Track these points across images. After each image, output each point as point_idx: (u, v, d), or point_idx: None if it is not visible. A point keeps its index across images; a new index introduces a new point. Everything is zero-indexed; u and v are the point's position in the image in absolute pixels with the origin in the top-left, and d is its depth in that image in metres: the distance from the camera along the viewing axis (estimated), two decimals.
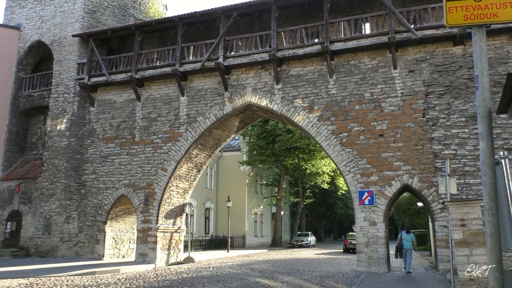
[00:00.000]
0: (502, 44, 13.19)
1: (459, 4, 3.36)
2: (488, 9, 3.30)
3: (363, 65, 14.60)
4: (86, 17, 18.96)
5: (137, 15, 20.45)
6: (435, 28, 13.49)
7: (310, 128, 14.87)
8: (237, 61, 15.93)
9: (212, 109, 16.38)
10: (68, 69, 18.60)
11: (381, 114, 14.05)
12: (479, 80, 3.24)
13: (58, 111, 18.38)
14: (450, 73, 13.56)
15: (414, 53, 14.08)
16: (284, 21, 16.74)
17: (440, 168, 12.84)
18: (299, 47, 15.12)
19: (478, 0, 3.32)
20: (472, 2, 3.33)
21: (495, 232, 3.07)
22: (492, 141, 3.25)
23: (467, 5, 3.34)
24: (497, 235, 3.07)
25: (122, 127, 17.64)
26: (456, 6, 3.37)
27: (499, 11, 3.28)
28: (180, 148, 16.55)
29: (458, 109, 13.22)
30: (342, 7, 16.26)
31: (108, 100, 18.16)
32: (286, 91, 15.41)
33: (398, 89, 14.01)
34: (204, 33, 18.25)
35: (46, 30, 19.59)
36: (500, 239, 3.08)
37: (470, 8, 3.33)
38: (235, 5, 16.14)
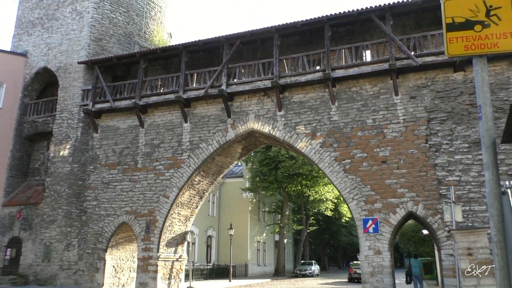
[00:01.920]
0: (503, 70, 13.28)
1: (460, 35, 3.38)
2: (489, 39, 3.30)
3: (365, 92, 14.68)
4: (92, 44, 19.28)
5: (142, 43, 20.80)
6: (435, 55, 13.62)
7: (313, 154, 14.84)
8: (240, 88, 16.07)
9: (215, 136, 16.41)
10: (73, 95, 18.80)
11: (383, 141, 14.02)
12: (482, 109, 3.21)
13: (61, 137, 18.46)
14: (452, 99, 13.60)
15: (415, 79, 14.18)
16: (286, 49, 16.97)
17: (445, 195, 12.70)
18: (301, 74, 15.26)
19: (479, 31, 3.34)
20: (473, 32, 3.34)
21: (504, 265, 2.97)
22: (498, 171, 3.19)
23: (467, 35, 3.35)
24: (507, 269, 2.98)
25: (125, 153, 17.66)
26: (457, 37, 3.38)
27: (499, 41, 3.28)
28: (183, 174, 16.50)
29: (461, 135, 13.19)
30: (342, 35, 16.51)
31: (112, 126, 18.26)
32: (288, 118, 15.46)
33: (400, 115, 14.03)
34: (208, 60, 18.49)
35: (52, 57, 19.91)
36: (510, 272, 2.99)
37: (470, 39, 3.34)
38: (238, 34, 16.41)
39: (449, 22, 3.45)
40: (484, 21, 3.36)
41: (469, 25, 3.39)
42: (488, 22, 3.34)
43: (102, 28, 19.65)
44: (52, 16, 20.48)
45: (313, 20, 15.32)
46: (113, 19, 20.02)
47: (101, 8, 19.76)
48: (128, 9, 20.58)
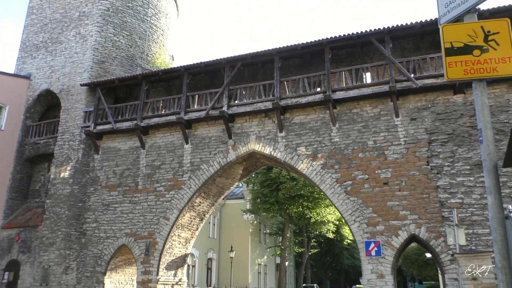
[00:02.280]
0: (502, 92, 13.35)
1: (459, 59, 3.41)
2: (488, 63, 3.33)
3: (365, 113, 14.73)
4: (95, 67, 19.50)
5: (144, 65, 21.03)
6: (434, 77, 13.72)
7: (314, 176, 14.79)
8: (241, 109, 16.15)
9: (215, 157, 16.40)
10: (75, 117, 18.89)
11: (385, 162, 13.99)
12: (483, 133, 3.22)
13: (62, 159, 18.46)
14: (452, 121, 13.63)
15: (415, 101, 14.25)
16: (286, 71, 17.13)
17: (447, 217, 12.59)
18: (301, 96, 15.36)
19: (477, 55, 3.37)
20: (471, 57, 3.37)
21: None
22: (500, 196, 3.17)
23: (466, 60, 3.39)
24: None
25: (125, 174, 17.62)
26: (456, 61, 3.42)
27: (498, 66, 3.32)
28: (183, 196, 16.42)
29: (462, 157, 13.16)
30: (342, 57, 16.69)
31: (113, 147, 18.28)
32: (289, 139, 15.48)
33: (401, 137, 14.04)
34: (209, 82, 18.66)
35: (55, 79, 20.11)
36: None
37: (469, 63, 3.37)
38: (239, 56, 16.60)
39: (447, 47, 3.49)
40: (482, 46, 3.40)
41: (467, 49, 3.42)
42: (487, 47, 3.37)
43: (105, 51, 19.90)
44: (56, 40, 20.78)
45: (313, 43, 15.51)
46: (116, 42, 20.30)
47: (104, 32, 20.07)
48: (131, 33, 20.89)
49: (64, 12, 21.13)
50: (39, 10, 21.95)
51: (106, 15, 20.32)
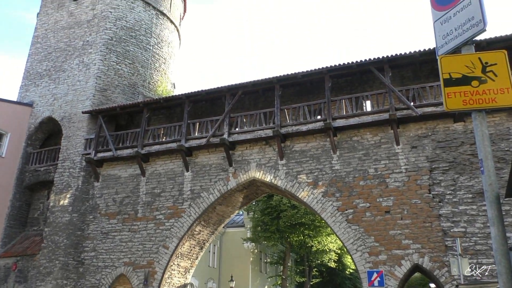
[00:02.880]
0: (502, 120, 13.39)
1: (457, 90, 3.43)
2: (486, 94, 3.36)
3: (366, 141, 14.75)
4: (97, 94, 19.68)
5: (146, 93, 21.23)
6: (434, 106, 13.80)
7: (315, 204, 14.67)
8: (242, 137, 16.18)
9: (216, 185, 16.32)
10: (76, 144, 18.93)
11: (386, 190, 13.90)
12: (483, 164, 3.20)
13: (62, 186, 18.38)
14: (453, 149, 13.62)
15: (415, 129, 14.28)
16: (287, 99, 17.26)
17: (451, 246, 12.39)
18: (302, 124, 15.42)
19: (476, 86, 3.40)
20: (470, 88, 3.40)
21: None
22: (504, 227, 3.13)
23: (465, 90, 3.41)
24: None
25: (125, 202, 17.50)
26: (455, 92, 3.44)
27: (497, 97, 3.34)
28: (183, 224, 16.25)
29: (464, 185, 13.08)
30: (342, 85, 16.85)
31: (113, 175, 18.23)
32: (290, 167, 15.44)
33: (402, 165, 14.00)
34: (210, 109, 18.78)
35: (57, 107, 20.26)
36: None
37: (468, 94, 3.40)
38: (240, 84, 16.77)
39: (446, 78, 3.52)
40: (480, 77, 3.43)
41: (466, 80, 3.45)
42: (485, 78, 3.40)
43: (107, 79, 20.15)
44: (59, 68, 21.07)
45: (313, 71, 15.70)
46: (119, 70, 20.58)
47: (107, 60, 20.37)
48: (134, 61, 21.21)
49: (68, 41, 21.52)
50: (44, 39, 22.36)
51: (109, 44, 20.68)
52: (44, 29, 22.65)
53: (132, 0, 21.99)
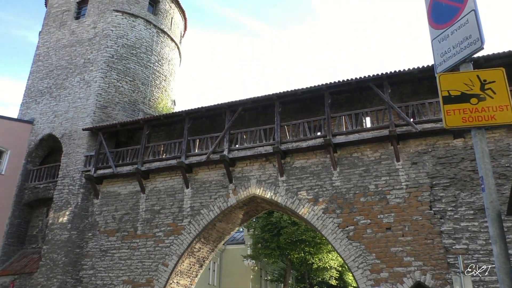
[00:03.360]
0: (502, 136, 13.40)
1: (456, 107, 3.45)
2: (485, 111, 3.37)
3: (366, 158, 14.74)
4: (98, 112, 19.75)
5: (146, 110, 21.32)
6: (434, 122, 13.83)
7: (316, 221, 14.58)
8: (242, 153, 16.18)
9: (216, 201, 16.25)
10: (76, 161, 18.91)
11: (387, 207, 13.83)
12: (484, 181, 3.19)
13: (61, 203, 18.29)
14: (453, 165, 13.60)
15: (415, 145, 14.29)
16: (287, 115, 17.31)
17: (453, 264, 12.27)
18: (302, 140, 15.42)
19: (475, 103, 3.41)
20: (469, 105, 3.41)
21: None
22: (506, 245, 3.10)
23: (464, 108, 3.42)
24: None
25: (124, 219, 17.39)
26: (454, 109, 3.45)
27: (496, 114, 3.35)
28: (183, 241, 16.12)
29: (465, 202, 13.01)
30: (342, 102, 16.92)
31: (113, 192, 18.16)
32: (290, 183, 15.40)
33: (403, 181, 13.96)
34: (210, 126, 18.82)
35: (58, 124, 20.31)
36: None
37: (467, 111, 3.41)
38: (240, 101, 16.84)
39: (445, 95, 3.54)
40: (479, 94, 3.44)
41: (465, 98, 3.47)
42: (484, 95, 3.42)
43: (108, 96, 20.25)
44: (60, 85, 21.20)
45: (313, 88, 15.78)
46: (119, 87, 20.70)
47: (108, 78, 20.51)
48: (134, 78, 21.35)
49: (69, 59, 21.71)
50: (45, 57, 22.56)
51: (110, 61, 20.85)
52: (46, 47, 22.87)
53: (133, 19, 22.27)
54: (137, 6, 22.62)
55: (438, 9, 4.06)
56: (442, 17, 3.98)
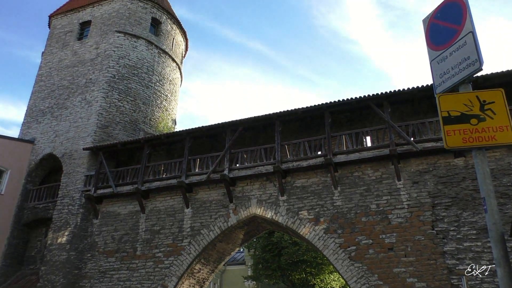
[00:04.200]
0: (502, 155, 13.38)
1: (457, 128, 3.45)
2: (486, 132, 3.37)
3: (367, 177, 14.69)
4: (98, 131, 19.80)
5: (147, 129, 21.38)
6: (434, 141, 13.83)
7: (317, 241, 14.43)
8: (242, 173, 16.13)
9: (216, 221, 16.12)
10: (76, 181, 18.86)
11: (389, 226, 13.71)
12: (486, 202, 3.17)
13: (61, 223, 18.16)
14: (455, 184, 13.54)
15: (416, 164, 14.25)
16: (287, 134, 17.33)
17: (457, 285, 12.08)
18: (302, 159, 15.40)
19: (475, 124, 3.42)
20: (469, 126, 3.41)
21: None
22: (510, 267, 3.05)
23: (464, 128, 3.42)
24: None
25: (124, 239, 17.23)
26: (454, 130, 3.46)
27: (496, 134, 3.35)
28: (183, 262, 15.93)
29: (468, 221, 12.90)
30: (342, 121, 16.96)
31: (113, 212, 18.05)
32: (291, 203, 15.31)
33: (404, 200, 13.88)
34: (210, 145, 18.83)
35: (59, 143, 20.34)
36: None
37: (468, 132, 3.41)
38: (241, 120, 16.89)
39: (445, 116, 3.54)
40: (479, 115, 3.45)
41: (465, 118, 3.48)
42: (483, 116, 3.43)
43: (109, 116, 20.34)
44: (62, 105, 21.33)
45: (313, 107, 15.85)
46: (120, 107, 20.81)
47: (109, 97, 20.65)
48: (135, 98, 21.49)
49: (71, 79, 21.90)
50: (47, 77, 22.76)
51: (112, 81, 21.03)
52: (48, 67, 23.11)
53: (135, 39, 22.55)
54: (139, 27, 22.93)
55: (436, 31, 4.11)
56: (440, 38, 4.02)
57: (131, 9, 23.12)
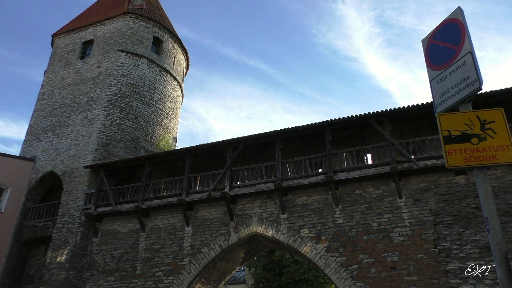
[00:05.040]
0: (504, 173, 13.35)
1: (458, 147, 3.46)
2: (487, 151, 3.38)
3: (368, 194, 14.64)
4: (99, 149, 19.82)
5: (148, 147, 21.41)
6: (435, 158, 13.83)
7: (318, 260, 14.29)
8: (243, 190, 16.09)
9: (217, 240, 16.00)
10: (76, 199, 18.79)
11: (391, 245, 13.59)
12: (489, 222, 3.16)
13: (60, 242, 18.02)
14: (456, 202, 13.47)
15: (417, 182, 14.22)
16: (288, 152, 17.34)
17: None
18: (303, 177, 15.38)
19: (476, 143, 3.43)
20: (470, 145, 3.43)
21: None
22: None
23: (465, 148, 3.44)
24: None
25: (123, 258, 17.07)
26: (455, 149, 3.47)
27: (497, 154, 3.36)
28: (182, 282, 15.74)
29: (470, 240, 12.79)
30: (343, 138, 16.99)
31: (112, 230, 17.93)
32: (292, 221, 15.22)
33: (406, 218, 13.80)
34: (211, 163, 18.82)
35: (59, 161, 20.34)
36: None
37: (469, 151, 3.42)
38: (241, 138, 16.93)
39: (446, 135, 3.56)
40: (480, 134, 3.47)
41: (465, 138, 3.49)
42: (484, 135, 3.45)
43: (110, 134, 20.39)
44: (63, 123, 21.41)
45: (314, 125, 15.90)
46: (122, 125, 20.89)
47: (111, 115, 20.74)
48: (137, 116, 21.59)
49: (73, 97, 22.04)
50: (49, 95, 22.92)
51: (113, 100, 21.16)
52: (50, 86, 23.29)
53: (137, 58, 22.78)
54: (141, 46, 23.20)
55: (435, 51, 4.16)
56: (440, 58, 4.07)
57: (133, 28, 23.44)
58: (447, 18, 4.10)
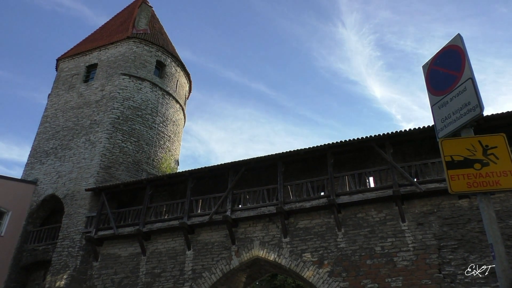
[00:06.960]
0: (507, 197, 13.26)
1: (461, 172, 3.47)
2: (490, 177, 3.39)
3: (371, 218, 14.52)
4: (101, 172, 19.82)
5: (149, 170, 21.40)
6: (437, 182, 13.76)
7: (321, 285, 14.07)
8: (245, 214, 15.98)
9: (218, 264, 15.80)
10: (77, 222, 18.68)
11: (394, 270, 13.39)
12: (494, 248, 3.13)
13: (60, 266, 17.81)
14: (460, 226, 13.34)
15: (420, 205, 14.12)
16: (289, 175, 17.30)
17: None
18: (305, 200, 15.29)
19: (478, 169, 3.44)
20: (473, 170, 3.44)
21: None
22: None
23: (468, 173, 3.44)
24: None
25: (124, 283, 16.83)
26: (458, 174, 3.48)
27: (500, 179, 3.36)
28: None
29: (475, 265, 12.60)
30: (345, 161, 16.97)
31: (113, 254, 17.74)
32: (294, 245, 15.06)
33: (409, 242, 13.64)
34: (213, 186, 18.75)
35: (61, 184, 20.31)
36: None
37: (471, 176, 3.43)
38: (243, 161, 16.92)
39: (448, 160, 3.57)
40: (482, 159, 3.48)
41: (468, 163, 3.50)
42: (487, 160, 3.46)
43: (112, 157, 20.43)
44: (66, 146, 21.49)
45: (316, 148, 15.91)
46: (124, 148, 20.95)
47: (113, 138, 20.83)
48: (139, 139, 21.67)
49: (76, 120, 22.19)
50: (52, 118, 23.08)
51: (116, 123, 21.29)
52: (54, 109, 23.48)
53: (140, 82, 23.04)
54: (144, 70, 23.49)
55: (436, 77, 4.22)
56: (441, 84, 4.12)
57: (137, 52, 23.78)
58: (447, 45, 4.17)
